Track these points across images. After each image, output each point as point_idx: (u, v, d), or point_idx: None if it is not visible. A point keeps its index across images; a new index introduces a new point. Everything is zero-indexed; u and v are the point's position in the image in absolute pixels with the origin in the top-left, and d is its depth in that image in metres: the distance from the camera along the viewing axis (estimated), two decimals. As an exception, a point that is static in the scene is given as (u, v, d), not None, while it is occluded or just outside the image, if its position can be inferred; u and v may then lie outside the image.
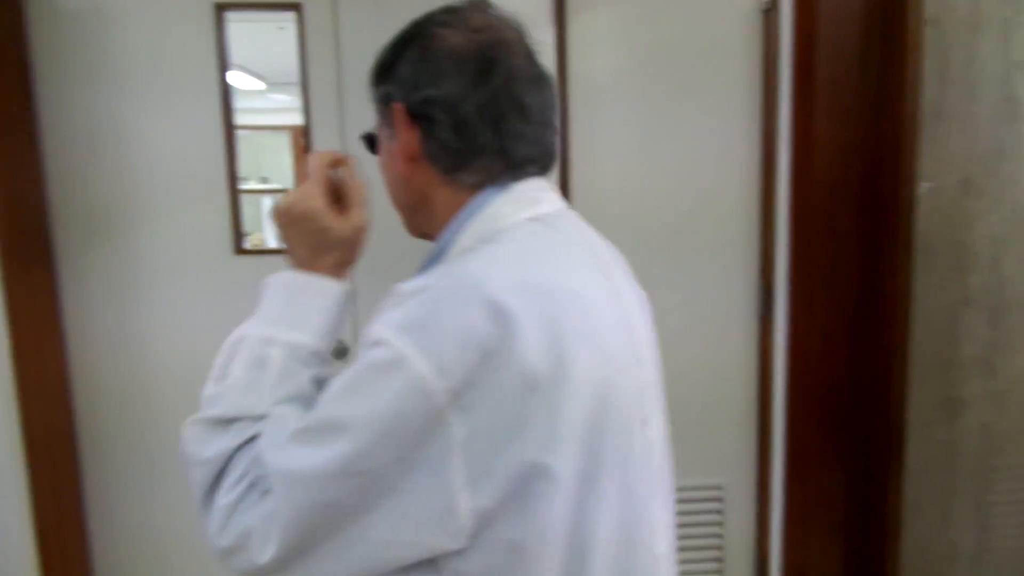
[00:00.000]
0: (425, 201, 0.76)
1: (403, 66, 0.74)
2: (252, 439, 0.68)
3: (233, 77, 1.84)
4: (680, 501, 1.89)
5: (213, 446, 0.67)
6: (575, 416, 0.62)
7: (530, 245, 0.69)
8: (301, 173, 0.79)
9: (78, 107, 1.79)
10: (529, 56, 0.73)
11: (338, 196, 0.80)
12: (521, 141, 0.71)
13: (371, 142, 0.83)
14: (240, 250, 1.89)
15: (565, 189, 1.77)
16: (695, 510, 1.93)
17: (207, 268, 1.87)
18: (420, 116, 0.71)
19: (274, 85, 1.91)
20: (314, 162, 0.79)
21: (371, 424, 0.60)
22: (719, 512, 1.93)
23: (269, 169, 1.95)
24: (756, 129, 1.78)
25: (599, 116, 1.76)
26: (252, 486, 0.65)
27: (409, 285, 0.65)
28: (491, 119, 0.70)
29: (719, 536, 1.93)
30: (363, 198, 0.81)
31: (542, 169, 0.75)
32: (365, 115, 1.89)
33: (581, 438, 0.63)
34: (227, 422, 0.69)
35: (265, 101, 1.90)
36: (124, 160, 1.83)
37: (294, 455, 0.62)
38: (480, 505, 0.60)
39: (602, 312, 0.69)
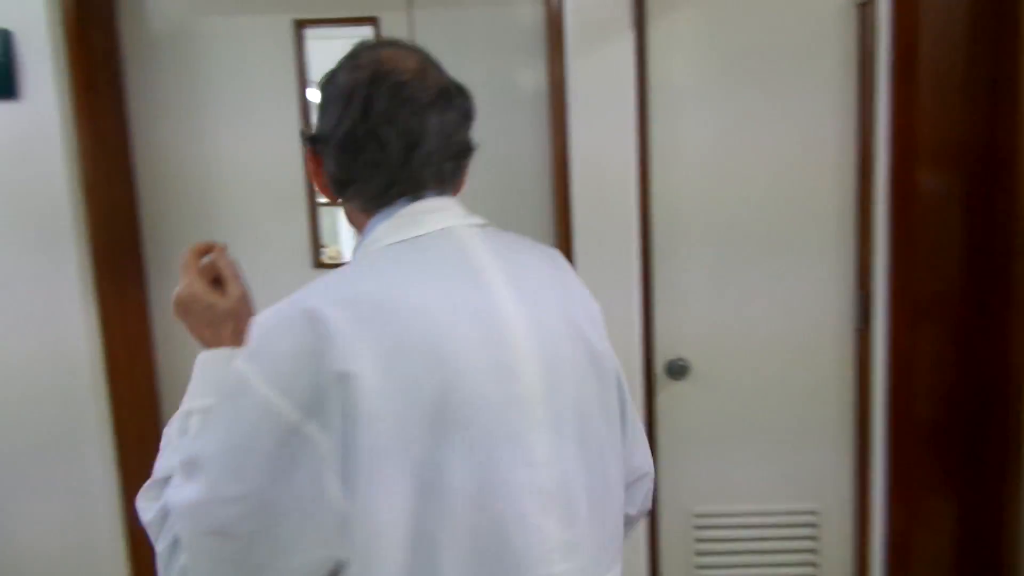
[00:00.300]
0: (356, 226, 0.83)
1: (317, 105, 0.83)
2: None
3: (309, 93, 1.87)
4: (770, 527, 1.80)
5: (152, 508, 0.72)
6: (398, 421, 0.65)
7: (377, 267, 0.75)
8: (180, 267, 0.88)
9: (167, 125, 1.86)
10: (413, 85, 0.78)
11: (216, 278, 0.89)
12: (380, 170, 0.77)
13: None
14: (319, 263, 1.91)
15: (645, 195, 1.71)
16: (786, 536, 1.81)
17: (287, 280, 1.89)
18: (314, 150, 0.81)
19: None
20: (185, 256, 0.88)
21: (227, 449, 0.65)
22: (813, 539, 1.81)
23: None
24: (851, 130, 1.68)
25: (681, 120, 1.71)
26: (172, 532, 0.69)
27: (257, 316, 0.72)
28: (353, 150, 0.77)
29: (813, 565, 1.81)
30: (235, 273, 0.90)
31: (406, 192, 0.78)
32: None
33: (421, 422, 0.66)
34: (162, 483, 0.74)
35: None
36: (209, 175, 1.88)
37: (177, 491, 0.68)
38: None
39: (449, 325, 0.70)
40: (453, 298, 0.73)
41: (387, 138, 0.76)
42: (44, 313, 1.71)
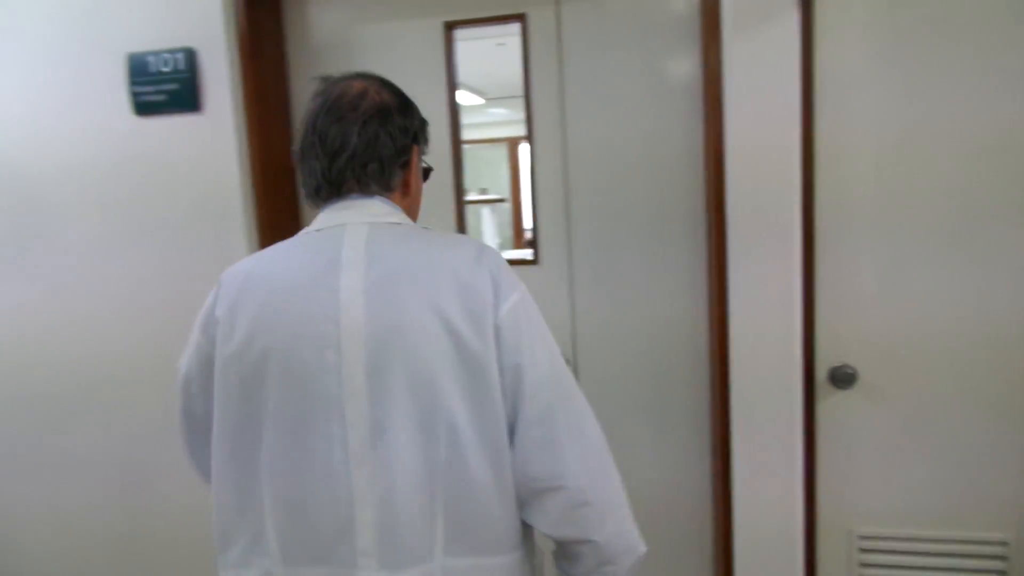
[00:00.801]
0: None
1: None
2: None
3: (459, 94, 1.90)
4: (947, 555, 1.62)
5: None
6: (233, 351, 0.93)
7: (274, 249, 1.00)
8: None
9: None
10: (344, 106, 0.97)
11: None
12: (314, 175, 0.99)
13: None
14: (465, 261, 1.95)
15: (808, 187, 1.59)
16: (968, 568, 1.62)
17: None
18: (295, 162, 1.03)
19: (493, 99, 1.95)
20: None
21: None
22: (1002, 573, 1.61)
23: (488, 180, 1.98)
24: (1061, 110, 1.46)
25: (852, 104, 1.56)
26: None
27: None
28: (301, 160, 1.00)
29: (1002, 603, 1.61)
30: None
31: (332, 194, 0.99)
32: (587, 124, 1.85)
33: (241, 374, 0.93)
34: None
35: (484, 115, 1.94)
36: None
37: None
38: None
39: (288, 300, 0.92)
40: (304, 279, 0.92)
41: (318, 149, 0.96)
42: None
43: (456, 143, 1.90)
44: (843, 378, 1.62)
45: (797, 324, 1.59)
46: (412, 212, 1.08)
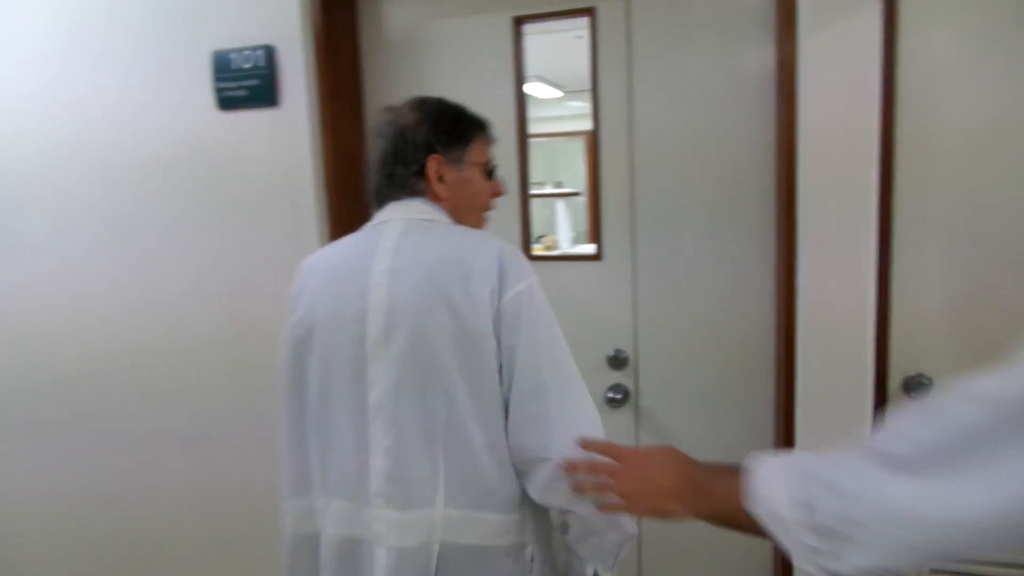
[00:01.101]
0: None
1: None
2: None
3: (532, 87, 1.91)
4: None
5: None
6: (292, 324, 1.16)
7: (340, 240, 1.22)
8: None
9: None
10: (386, 128, 1.20)
11: None
12: (370, 186, 1.23)
13: None
14: (528, 256, 1.95)
15: (886, 184, 1.51)
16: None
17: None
18: None
19: (570, 93, 1.93)
20: None
21: None
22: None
23: (564, 174, 1.97)
24: None
25: (937, 100, 1.48)
26: None
27: None
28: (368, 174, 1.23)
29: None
30: None
31: (383, 197, 1.20)
32: (655, 119, 1.83)
33: (293, 343, 1.15)
34: None
35: (562, 109, 1.93)
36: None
37: None
38: None
39: (335, 278, 1.13)
40: (349, 266, 1.12)
41: (370, 162, 1.22)
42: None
43: (522, 137, 1.91)
44: (918, 388, 1.55)
45: (870, 328, 1.52)
46: (459, 210, 1.20)
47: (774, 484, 0.77)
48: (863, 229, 1.49)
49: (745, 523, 0.80)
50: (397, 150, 1.17)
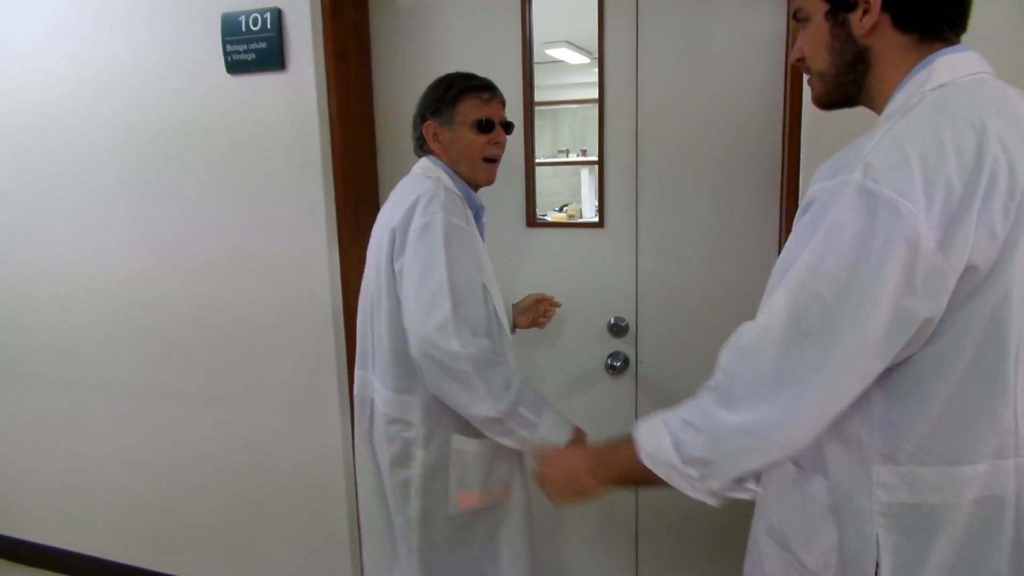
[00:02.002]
0: None
1: None
2: None
3: (560, 52, 1.89)
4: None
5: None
6: None
7: None
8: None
9: (407, 89, 2.01)
10: None
11: None
12: None
13: None
14: (532, 222, 1.97)
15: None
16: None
17: (502, 240, 1.98)
18: None
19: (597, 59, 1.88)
20: None
21: None
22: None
23: (590, 142, 1.91)
24: None
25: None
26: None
27: None
28: None
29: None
30: None
31: (419, 155, 1.60)
32: (661, 84, 1.81)
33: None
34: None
35: (591, 75, 1.87)
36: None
37: None
38: None
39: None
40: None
41: None
42: (299, 244, 1.98)
43: (528, 104, 1.91)
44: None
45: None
46: (456, 163, 1.50)
47: (655, 435, 0.94)
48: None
49: (647, 477, 0.94)
50: (412, 123, 1.55)
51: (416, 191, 1.42)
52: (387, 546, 1.58)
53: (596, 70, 1.85)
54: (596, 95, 1.86)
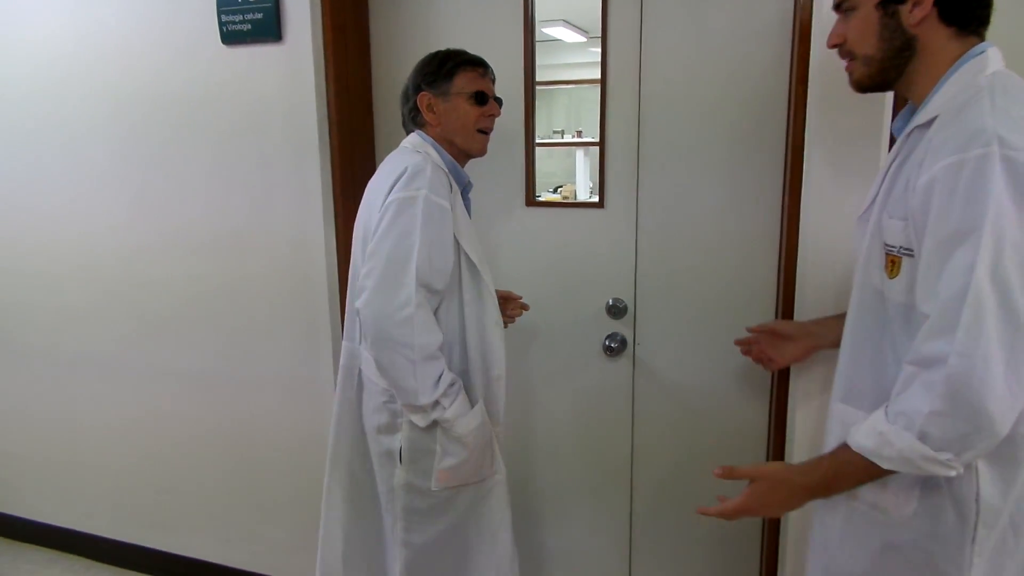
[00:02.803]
0: None
1: None
2: None
3: (557, 31, 1.86)
4: None
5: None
6: None
7: None
8: None
9: (404, 62, 1.97)
10: None
11: None
12: None
13: None
14: (531, 201, 1.94)
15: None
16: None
17: (500, 219, 1.96)
18: None
19: (595, 38, 1.83)
20: None
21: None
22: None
23: (587, 123, 1.88)
24: None
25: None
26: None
27: None
28: None
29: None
30: None
31: (407, 130, 1.62)
32: (664, 64, 1.78)
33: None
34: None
35: (587, 55, 1.85)
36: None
37: None
38: None
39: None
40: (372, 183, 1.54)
41: None
42: (295, 218, 1.96)
43: (529, 81, 1.88)
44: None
45: (871, 282, 1.51)
46: (450, 133, 1.52)
47: (889, 439, 0.96)
48: (870, 182, 1.47)
49: (874, 473, 0.99)
50: (402, 94, 1.56)
51: (405, 163, 1.43)
52: (370, 512, 1.64)
53: (593, 49, 1.82)
54: (593, 75, 1.83)
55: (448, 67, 1.50)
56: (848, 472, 1.02)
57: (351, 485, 1.66)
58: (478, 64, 1.54)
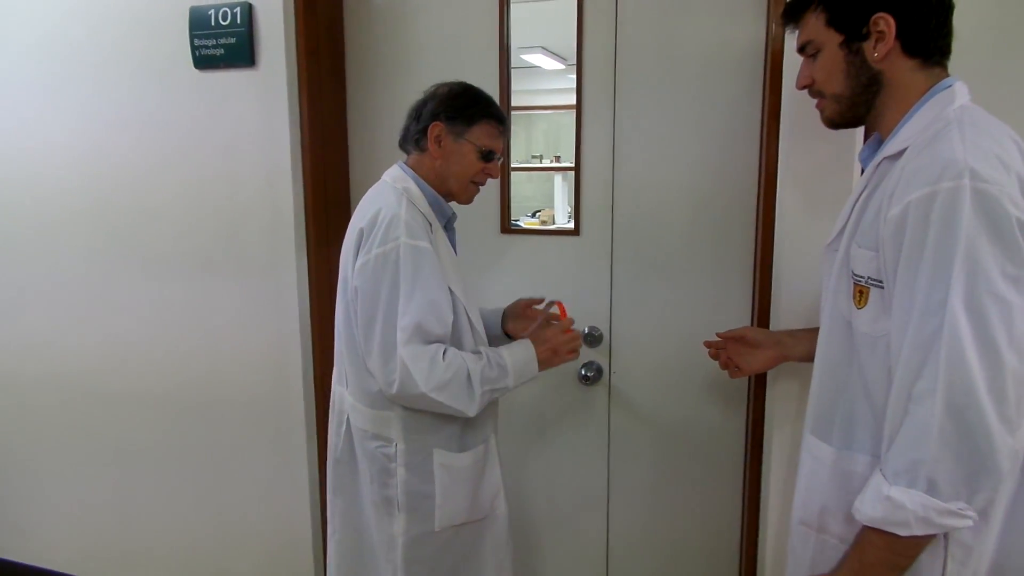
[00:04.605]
0: None
1: None
2: None
3: (535, 58, 1.86)
4: None
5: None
6: None
7: None
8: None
9: (380, 89, 1.97)
10: (421, 96, 1.51)
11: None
12: None
13: None
14: (506, 228, 1.93)
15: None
16: None
17: (474, 246, 1.94)
18: None
19: (573, 65, 1.85)
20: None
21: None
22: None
23: (565, 148, 1.89)
24: None
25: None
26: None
27: None
28: None
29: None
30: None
31: (406, 153, 1.56)
32: (639, 92, 1.79)
33: None
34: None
35: (565, 81, 1.86)
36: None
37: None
38: None
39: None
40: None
41: None
42: (266, 247, 1.92)
43: (505, 108, 1.88)
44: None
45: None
46: (445, 172, 1.46)
47: (904, 499, 0.91)
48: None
49: (912, 551, 0.95)
50: (416, 110, 1.47)
51: (378, 204, 1.39)
52: (369, 564, 1.53)
53: (571, 76, 1.83)
54: (571, 101, 1.84)
55: (472, 111, 1.44)
56: (873, 556, 0.96)
57: (350, 539, 1.56)
58: (501, 121, 1.48)
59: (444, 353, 1.35)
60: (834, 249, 1.13)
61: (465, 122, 1.43)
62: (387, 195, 1.41)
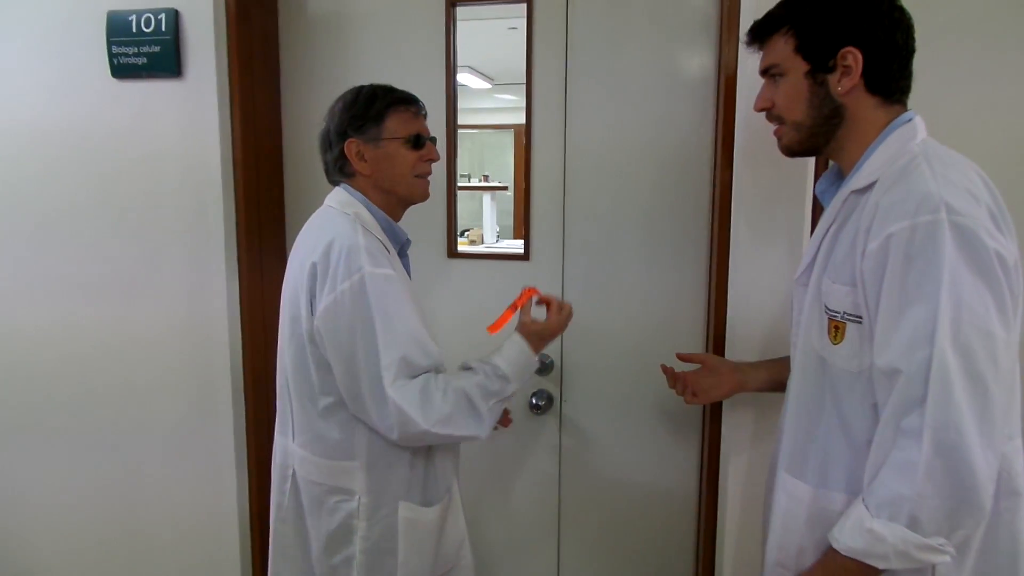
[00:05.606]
0: None
1: None
2: None
3: (462, 77, 1.81)
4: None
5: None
6: None
7: None
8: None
9: (317, 104, 1.85)
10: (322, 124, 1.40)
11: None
12: None
13: None
14: (453, 253, 1.86)
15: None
16: None
17: (420, 271, 1.86)
18: None
19: (500, 85, 1.85)
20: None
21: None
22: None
23: (491, 167, 1.90)
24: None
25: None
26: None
27: None
28: None
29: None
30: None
31: (333, 184, 1.42)
32: (590, 115, 1.75)
33: None
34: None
35: (491, 101, 1.85)
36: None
37: None
38: None
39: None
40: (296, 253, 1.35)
41: None
42: (193, 271, 1.77)
43: (451, 127, 1.80)
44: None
45: (799, 339, 1.51)
46: (385, 183, 1.34)
47: (885, 532, 0.90)
48: (799, 233, 1.47)
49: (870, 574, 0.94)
50: (322, 140, 1.36)
51: (331, 234, 1.24)
52: None
53: (499, 96, 1.82)
54: (497, 120, 1.84)
55: (377, 108, 1.31)
56: None
57: None
58: (411, 102, 1.36)
59: (436, 381, 1.25)
60: (803, 284, 1.11)
61: (374, 122, 1.31)
62: (337, 222, 1.27)
